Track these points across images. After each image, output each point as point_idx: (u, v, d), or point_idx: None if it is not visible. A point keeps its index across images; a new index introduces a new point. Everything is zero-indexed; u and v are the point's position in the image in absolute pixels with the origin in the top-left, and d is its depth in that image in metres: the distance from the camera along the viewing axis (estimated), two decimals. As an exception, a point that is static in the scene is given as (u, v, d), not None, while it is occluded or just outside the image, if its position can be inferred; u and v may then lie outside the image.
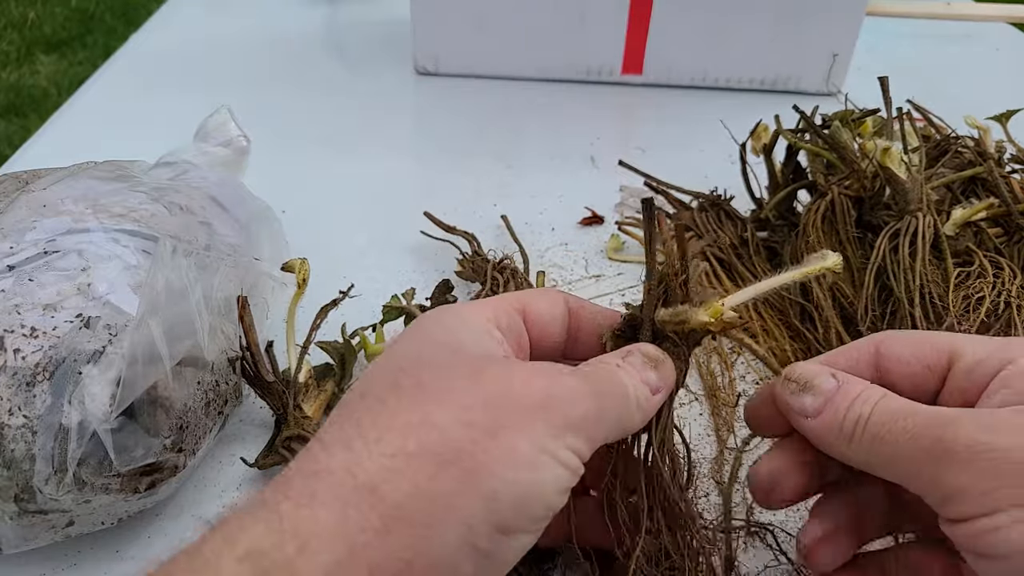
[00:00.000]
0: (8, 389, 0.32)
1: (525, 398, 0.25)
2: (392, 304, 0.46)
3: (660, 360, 0.30)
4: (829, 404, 0.29)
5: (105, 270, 0.37)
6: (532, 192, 0.64)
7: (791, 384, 0.30)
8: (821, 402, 0.29)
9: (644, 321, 0.31)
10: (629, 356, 0.30)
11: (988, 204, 0.47)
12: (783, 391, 0.30)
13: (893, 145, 0.46)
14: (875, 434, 0.27)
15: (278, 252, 0.48)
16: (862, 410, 0.28)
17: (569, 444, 0.25)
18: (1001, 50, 0.91)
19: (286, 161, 0.66)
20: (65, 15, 2.61)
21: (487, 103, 0.77)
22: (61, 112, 0.75)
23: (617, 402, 0.28)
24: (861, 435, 0.27)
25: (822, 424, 0.29)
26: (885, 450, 0.27)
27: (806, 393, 0.29)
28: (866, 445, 0.27)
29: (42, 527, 0.34)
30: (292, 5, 0.97)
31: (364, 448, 0.24)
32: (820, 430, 0.29)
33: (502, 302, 0.31)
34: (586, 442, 0.26)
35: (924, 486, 0.26)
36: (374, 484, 0.23)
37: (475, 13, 0.75)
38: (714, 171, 0.64)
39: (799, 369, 0.30)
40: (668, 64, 0.78)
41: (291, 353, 0.42)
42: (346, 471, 0.23)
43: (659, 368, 0.30)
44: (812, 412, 0.29)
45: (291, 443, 0.39)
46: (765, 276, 0.51)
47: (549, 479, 0.25)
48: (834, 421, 0.28)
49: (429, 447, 0.24)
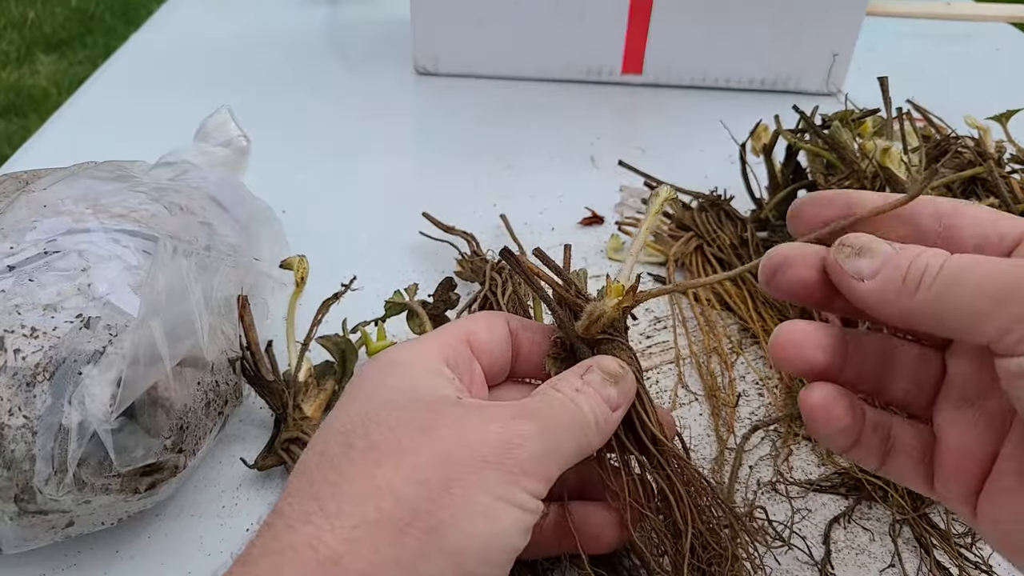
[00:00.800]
0: (8, 389, 0.33)
1: (479, 447, 0.25)
2: (394, 300, 0.46)
3: (620, 375, 0.30)
4: (888, 262, 0.28)
5: (105, 270, 0.37)
6: (532, 192, 0.64)
7: (846, 248, 0.29)
8: (879, 263, 0.28)
9: (575, 343, 0.32)
10: (588, 374, 0.30)
11: (988, 204, 0.47)
12: (838, 255, 0.29)
13: (893, 145, 0.46)
14: (950, 282, 0.26)
15: (278, 252, 0.48)
16: (930, 261, 0.27)
17: (525, 487, 0.26)
18: (1001, 50, 0.91)
19: (286, 161, 0.66)
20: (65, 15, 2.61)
21: (487, 103, 0.77)
22: (61, 112, 0.75)
23: (574, 432, 0.28)
24: (931, 284, 0.27)
25: (882, 280, 0.28)
26: (960, 293, 0.26)
27: (862, 256, 0.28)
28: (936, 293, 0.26)
29: (42, 527, 0.34)
30: (292, 5, 0.97)
31: (325, 522, 0.24)
32: (878, 286, 0.28)
33: (447, 336, 0.31)
34: (542, 481, 0.26)
35: (1005, 324, 0.25)
36: (337, 556, 0.24)
37: (475, 13, 0.75)
38: (714, 171, 0.64)
39: (855, 237, 0.29)
40: (668, 64, 0.78)
41: (291, 351, 0.42)
42: (309, 547, 0.24)
43: (619, 383, 0.30)
44: (869, 274, 0.28)
45: (290, 445, 0.39)
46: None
47: (507, 526, 0.25)
48: (896, 275, 0.27)
49: (387, 512, 0.24)
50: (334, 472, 0.26)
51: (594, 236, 0.59)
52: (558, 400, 0.29)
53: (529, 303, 0.46)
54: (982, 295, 0.26)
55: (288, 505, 0.25)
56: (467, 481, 0.25)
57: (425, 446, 0.25)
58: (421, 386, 0.28)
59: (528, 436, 0.26)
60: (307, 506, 0.25)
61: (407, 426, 0.26)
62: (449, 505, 0.24)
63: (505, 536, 0.25)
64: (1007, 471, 0.28)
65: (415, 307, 0.45)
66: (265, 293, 0.46)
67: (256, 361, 0.40)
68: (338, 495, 0.25)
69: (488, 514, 0.25)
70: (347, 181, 0.66)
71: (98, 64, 0.88)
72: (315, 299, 0.44)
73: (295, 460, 0.39)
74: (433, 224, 0.56)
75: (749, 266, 0.32)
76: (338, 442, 0.27)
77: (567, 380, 0.30)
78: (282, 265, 0.44)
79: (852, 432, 0.30)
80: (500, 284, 0.46)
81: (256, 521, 0.39)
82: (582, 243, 0.58)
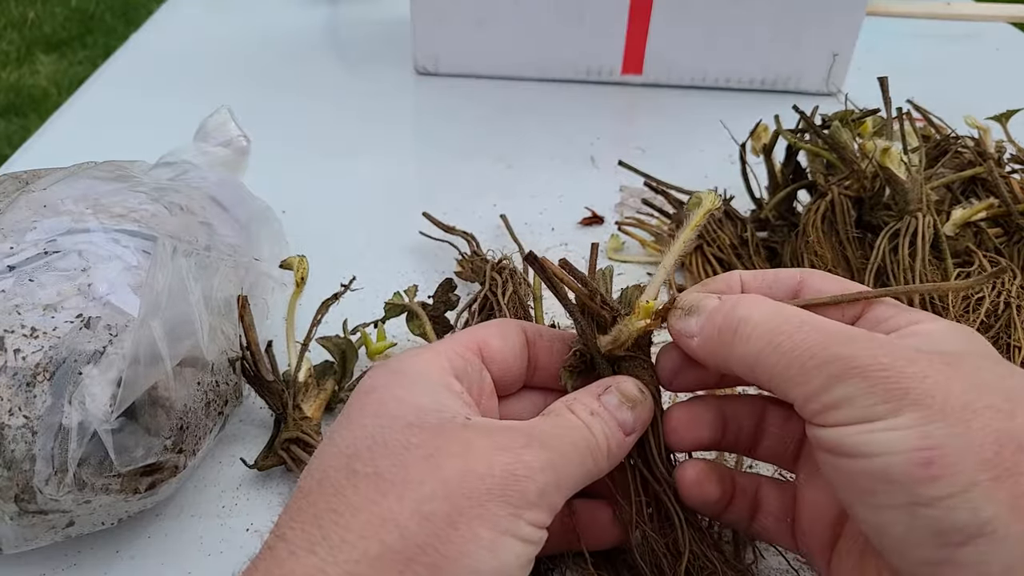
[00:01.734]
0: (8, 389, 0.33)
1: (485, 479, 0.25)
2: (394, 301, 0.46)
3: (639, 401, 0.30)
4: (709, 317, 0.29)
5: (105, 270, 0.37)
6: (532, 192, 0.64)
7: (678, 311, 0.30)
8: (704, 319, 0.29)
9: (595, 358, 0.31)
10: (606, 395, 0.30)
11: (988, 204, 0.48)
12: (672, 321, 0.30)
13: (893, 145, 0.46)
14: (765, 342, 0.27)
15: (278, 252, 0.48)
16: (743, 314, 0.28)
17: (530, 519, 0.25)
18: (1001, 50, 0.91)
19: (286, 161, 0.66)
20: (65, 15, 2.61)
21: (487, 103, 0.77)
22: (61, 112, 0.75)
23: (584, 460, 0.28)
24: (748, 337, 0.27)
25: (704, 336, 0.29)
26: (774, 357, 0.27)
27: (691, 315, 0.30)
28: (754, 348, 0.27)
29: (42, 527, 0.34)
30: (292, 5, 0.97)
31: (328, 553, 0.24)
32: (703, 343, 0.29)
33: (457, 345, 0.31)
34: (547, 510, 0.26)
35: (808, 393, 0.26)
36: None
37: (475, 13, 0.75)
38: (714, 171, 0.64)
39: (686, 297, 0.31)
40: (668, 64, 0.78)
41: (291, 351, 0.42)
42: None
43: (636, 408, 0.30)
44: (696, 331, 0.29)
45: (290, 445, 0.39)
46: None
47: (511, 559, 0.25)
48: (713, 329, 0.29)
49: (391, 546, 0.24)
50: (337, 499, 0.25)
51: (594, 236, 0.59)
52: (570, 425, 0.28)
53: (529, 303, 0.46)
54: (791, 362, 0.26)
55: (291, 529, 0.25)
56: (472, 515, 0.24)
57: (430, 476, 0.25)
58: (428, 404, 0.28)
59: (536, 468, 0.26)
60: (310, 533, 0.25)
61: (412, 453, 0.26)
62: (454, 540, 0.24)
63: (508, 569, 0.25)
64: (849, 534, 0.29)
65: (415, 308, 0.45)
66: (265, 293, 0.46)
67: (256, 361, 0.40)
68: (342, 524, 0.24)
69: (492, 548, 0.24)
70: (347, 181, 0.66)
71: (98, 64, 0.88)
72: (315, 299, 0.44)
73: (295, 460, 0.39)
74: (433, 224, 0.56)
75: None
76: (342, 466, 0.26)
77: (582, 401, 0.29)
78: (282, 265, 0.44)
79: (723, 501, 0.32)
80: (500, 284, 0.46)
81: (256, 522, 0.39)
82: (582, 243, 0.58)
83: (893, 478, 0.24)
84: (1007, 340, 0.41)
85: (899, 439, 0.24)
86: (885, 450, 0.24)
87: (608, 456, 0.29)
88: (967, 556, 0.23)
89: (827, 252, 0.48)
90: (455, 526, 0.24)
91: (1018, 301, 0.42)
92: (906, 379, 0.24)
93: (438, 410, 0.27)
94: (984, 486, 0.23)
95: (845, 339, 0.26)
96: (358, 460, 0.26)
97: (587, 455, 0.28)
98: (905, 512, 0.24)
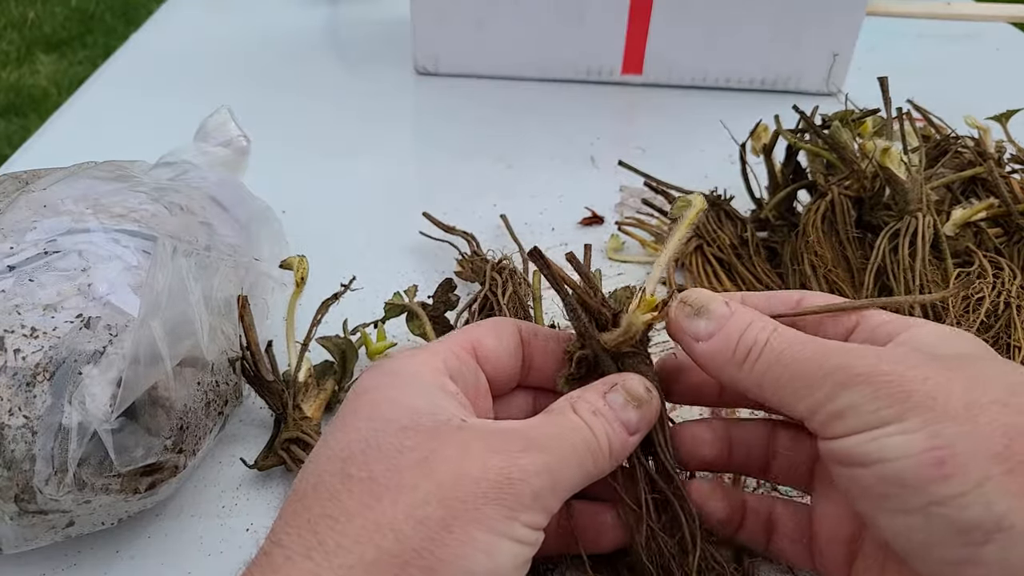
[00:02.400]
0: (8, 389, 0.33)
1: (480, 482, 0.25)
2: (394, 301, 0.46)
3: (645, 400, 0.30)
4: (721, 329, 0.29)
5: (105, 270, 0.37)
6: (532, 192, 0.64)
7: (686, 307, 0.30)
8: (714, 326, 0.29)
9: (599, 356, 0.31)
10: (612, 393, 0.29)
11: (988, 204, 0.47)
12: (678, 314, 0.30)
13: (893, 145, 0.46)
14: (772, 359, 0.28)
15: (278, 252, 0.48)
16: (758, 336, 0.28)
17: (525, 521, 0.25)
18: (1001, 50, 0.91)
19: (286, 161, 0.66)
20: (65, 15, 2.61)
21: (487, 103, 0.77)
22: (61, 112, 0.75)
23: (584, 461, 0.28)
24: (756, 359, 0.28)
25: (715, 346, 0.29)
26: (781, 372, 0.28)
27: (700, 317, 0.30)
28: (761, 368, 0.28)
29: (42, 527, 0.34)
30: (292, 5, 0.97)
31: (324, 559, 0.24)
32: (711, 353, 0.29)
33: (452, 345, 0.31)
34: (542, 513, 0.26)
35: (814, 405, 0.27)
36: None
37: (475, 13, 0.75)
38: (714, 171, 0.64)
39: (694, 294, 0.31)
40: (668, 64, 0.78)
41: (291, 351, 0.42)
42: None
43: (642, 407, 0.29)
44: (704, 336, 0.30)
45: (290, 445, 0.39)
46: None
47: (507, 561, 0.25)
48: (727, 346, 0.29)
49: (387, 550, 0.24)
50: (332, 503, 0.25)
51: (594, 236, 0.59)
52: (571, 426, 0.28)
53: (529, 303, 0.46)
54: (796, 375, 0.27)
55: (287, 535, 0.25)
56: (466, 518, 0.24)
57: (424, 479, 0.25)
58: (423, 406, 0.27)
59: (532, 472, 0.26)
60: (306, 539, 0.25)
61: (406, 456, 0.26)
62: (449, 543, 0.24)
63: (504, 571, 0.25)
64: (867, 552, 0.29)
65: (415, 308, 0.45)
66: (265, 293, 0.46)
67: (256, 361, 0.40)
68: (337, 530, 0.24)
69: (488, 551, 0.24)
70: (347, 181, 0.66)
71: (98, 64, 0.88)
72: (315, 299, 0.44)
73: (295, 460, 0.39)
74: (433, 224, 0.56)
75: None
76: (336, 469, 0.26)
77: (586, 399, 0.29)
78: (282, 265, 0.44)
79: (732, 521, 0.32)
80: (500, 284, 0.46)
81: (256, 522, 0.39)
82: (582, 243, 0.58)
83: (907, 481, 0.24)
84: (1007, 340, 0.41)
85: (908, 442, 0.24)
86: (896, 454, 0.24)
87: (610, 456, 0.28)
88: (989, 554, 0.23)
89: (827, 252, 0.48)
90: (450, 529, 0.24)
91: (1018, 301, 0.42)
92: (908, 382, 0.25)
93: (433, 412, 0.27)
94: (997, 480, 0.23)
95: (846, 350, 0.27)
96: (352, 464, 0.26)
97: (587, 457, 0.28)
98: (922, 514, 0.24)
